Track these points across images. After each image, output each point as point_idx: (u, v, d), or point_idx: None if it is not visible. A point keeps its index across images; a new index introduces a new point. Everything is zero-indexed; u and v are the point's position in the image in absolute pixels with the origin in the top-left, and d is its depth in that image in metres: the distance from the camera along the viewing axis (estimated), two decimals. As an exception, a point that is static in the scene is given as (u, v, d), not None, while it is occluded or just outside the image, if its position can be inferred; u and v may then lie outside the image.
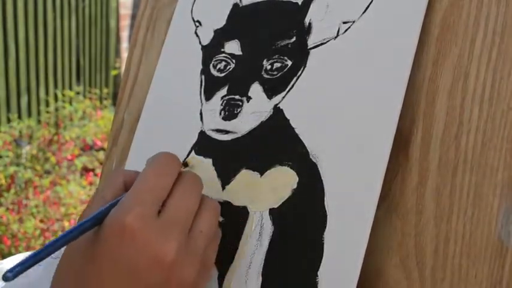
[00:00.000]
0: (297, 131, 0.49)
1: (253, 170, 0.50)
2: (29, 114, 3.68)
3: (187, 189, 0.44)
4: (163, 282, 0.41)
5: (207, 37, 0.58)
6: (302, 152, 0.48)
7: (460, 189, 0.44)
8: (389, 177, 0.46)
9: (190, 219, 0.43)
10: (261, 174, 0.50)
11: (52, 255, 0.52)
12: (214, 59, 0.56)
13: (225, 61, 0.55)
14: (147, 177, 0.43)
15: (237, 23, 0.56)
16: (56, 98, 3.86)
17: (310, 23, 0.52)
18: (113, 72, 4.54)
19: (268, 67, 0.52)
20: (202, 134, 0.54)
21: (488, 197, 0.42)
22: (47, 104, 3.81)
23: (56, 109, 3.78)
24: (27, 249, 2.48)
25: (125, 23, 4.71)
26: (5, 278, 0.35)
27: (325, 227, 0.46)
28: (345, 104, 0.48)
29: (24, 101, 3.62)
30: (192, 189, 0.44)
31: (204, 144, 0.54)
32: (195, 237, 0.43)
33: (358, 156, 0.46)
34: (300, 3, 0.53)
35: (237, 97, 0.53)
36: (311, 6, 0.52)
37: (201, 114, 0.55)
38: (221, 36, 0.57)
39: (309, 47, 0.51)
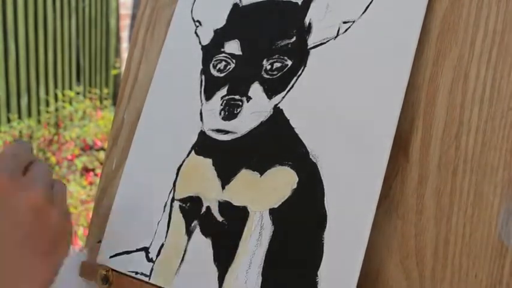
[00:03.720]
0: (297, 131, 0.49)
1: (253, 170, 0.50)
2: (29, 114, 3.68)
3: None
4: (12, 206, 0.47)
5: (207, 37, 0.58)
6: (302, 152, 0.48)
7: (460, 189, 0.44)
8: (390, 177, 0.46)
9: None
10: (261, 174, 0.50)
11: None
12: (214, 59, 0.56)
13: (225, 61, 0.55)
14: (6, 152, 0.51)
15: (237, 23, 0.56)
16: (56, 98, 3.86)
17: (310, 23, 0.52)
18: (113, 72, 4.54)
19: (268, 67, 0.52)
20: (202, 134, 0.54)
21: (489, 197, 0.42)
22: (47, 104, 3.81)
23: (56, 109, 3.78)
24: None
25: (125, 23, 4.70)
26: None
27: (325, 227, 0.46)
28: (345, 104, 0.48)
29: (24, 101, 3.62)
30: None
31: (204, 144, 0.54)
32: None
33: (358, 156, 0.46)
34: (300, 3, 0.53)
35: (237, 97, 0.53)
36: (311, 6, 0.52)
37: (201, 114, 0.55)
38: (221, 36, 0.57)
39: (309, 47, 0.51)
